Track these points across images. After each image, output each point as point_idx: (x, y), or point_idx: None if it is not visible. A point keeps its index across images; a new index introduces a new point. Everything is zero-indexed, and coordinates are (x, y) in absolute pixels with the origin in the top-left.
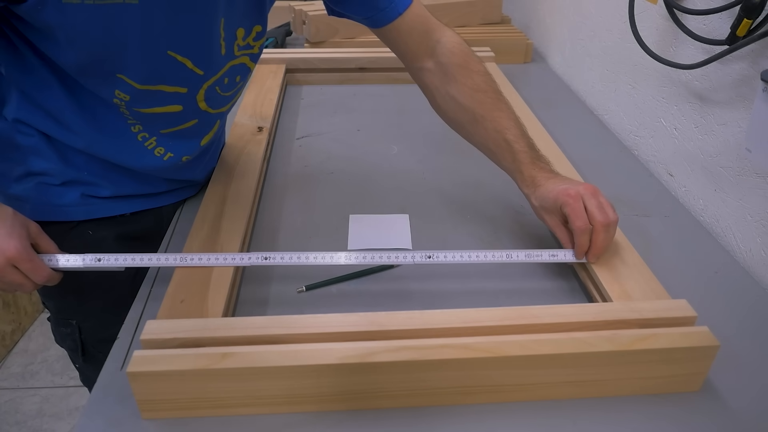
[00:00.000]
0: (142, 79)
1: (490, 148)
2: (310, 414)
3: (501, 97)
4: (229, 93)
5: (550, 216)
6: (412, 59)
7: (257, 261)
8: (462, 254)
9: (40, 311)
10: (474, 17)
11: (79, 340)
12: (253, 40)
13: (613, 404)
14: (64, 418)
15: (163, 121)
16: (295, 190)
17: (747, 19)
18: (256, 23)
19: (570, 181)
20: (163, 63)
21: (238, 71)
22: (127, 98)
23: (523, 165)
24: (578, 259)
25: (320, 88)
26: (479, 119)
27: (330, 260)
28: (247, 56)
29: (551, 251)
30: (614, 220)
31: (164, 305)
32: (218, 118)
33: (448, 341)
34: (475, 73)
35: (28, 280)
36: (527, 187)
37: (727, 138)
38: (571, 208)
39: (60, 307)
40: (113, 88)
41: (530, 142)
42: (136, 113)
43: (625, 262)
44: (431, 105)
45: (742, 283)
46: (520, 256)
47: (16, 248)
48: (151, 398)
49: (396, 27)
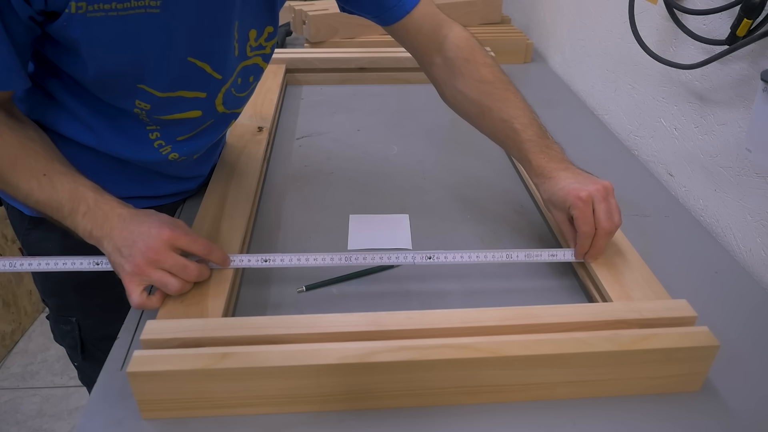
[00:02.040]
0: (164, 87)
1: (499, 138)
2: (310, 414)
3: (509, 87)
4: (244, 93)
5: (557, 211)
6: (422, 55)
7: (257, 263)
8: (462, 254)
9: (40, 311)
10: (474, 17)
11: (78, 338)
12: (264, 40)
13: (613, 404)
14: (64, 418)
15: (182, 127)
16: (295, 190)
17: (747, 19)
18: (267, 24)
19: (583, 178)
20: (184, 69)
21: (251, 71)
22: (147, 107)
23: (531, 154)
24: (577, 259)
25: (320, 88)
26: (486, 111)
27: (330, 262)
28: (260, 56)
29: (551, 251)
30: (618, 225)
31: (164, 305)
32: (233, 118)
33: (448, 341)
34: (481, 65)
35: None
36: (536, 176)
37: (727, 138)
38: (580, 212)
39: (60, 305)
40: (134, 98)
41: (540, 130)
42: (156, 120)
43: (625, 262)
44: (441, 98)
45: (742, 283)
46: (519, 256)
47: (169, 228)
48: (151, 398)
49: (405, 25)
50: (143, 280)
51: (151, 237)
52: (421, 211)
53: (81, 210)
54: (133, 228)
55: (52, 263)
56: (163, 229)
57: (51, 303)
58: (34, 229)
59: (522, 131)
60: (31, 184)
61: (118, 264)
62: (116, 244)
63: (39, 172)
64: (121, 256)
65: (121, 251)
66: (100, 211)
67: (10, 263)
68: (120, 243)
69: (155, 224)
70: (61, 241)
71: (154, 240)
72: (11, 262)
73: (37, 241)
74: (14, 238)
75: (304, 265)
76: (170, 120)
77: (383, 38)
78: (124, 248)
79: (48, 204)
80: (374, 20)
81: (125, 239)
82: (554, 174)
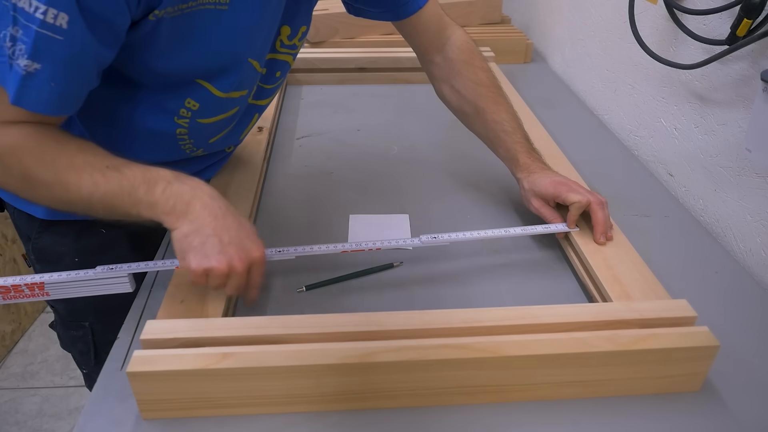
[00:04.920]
0: (226, 87)
1: (488, 137)
2: (310, 414)
3: (501, 92)
4: (270, 86)
5: (537, 199)
6: (424, 52)
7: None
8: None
9: (40, 311)
10: (474, 17)
11: (92, 342)
12: (298, 40)
13: (613, 404)
14: (64, 418)
15: (216, 127)
16: (295, 190)
17: (747, 19)
18: (302, 24)
19: (560, 176)
20: (245, 71)
21: (279, 67)
22: (196, 107)
23: (519, 154)
24: (570, 228)
25: (320, 88)
26: (480, 111)
27: (333, 249)
28: (291, 55)
29: (544, 225)
30: (604, 200)
31: (164, 305)
32: (256, 111)
33: (448, 341)
34: (478, 69)
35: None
36: (521, 172)
37: (727, 138)
38: (568, 187)
39: (72, 309)
40: (185, 96)
41: (525, 135)
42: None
43: (625, 262)
44: (437, 95)
45: (742, 283)
46: (516, 230)
47: (261, 251)
48: (151, 398)
49: (414, 21)
50: (207, 276)
51: (245, 251)
52: (421, 211)
53: (159, 187)
54: (229, 224)
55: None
56: (258, 248)
57: (61, 308)
58: (45, 232)
59: (512, 134)
60: (95, 178)
61: (194, 249)
62: (203, 228)
63: (101, 165)
64: (203, 244)
65: (207, 240)
66: (184, 185)
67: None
68: (209, 230)
69: (252, 237)
70: (74, 243)
71: (247, 255)
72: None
73: (50, 244)
74: (15, 237)
75: (305, 254)
76: (209, 124)
77: (383, 38)
78: (214, 240)
79: (118, 192)
80: (386, 15)
81: (218, 231)
82: (538, 171)
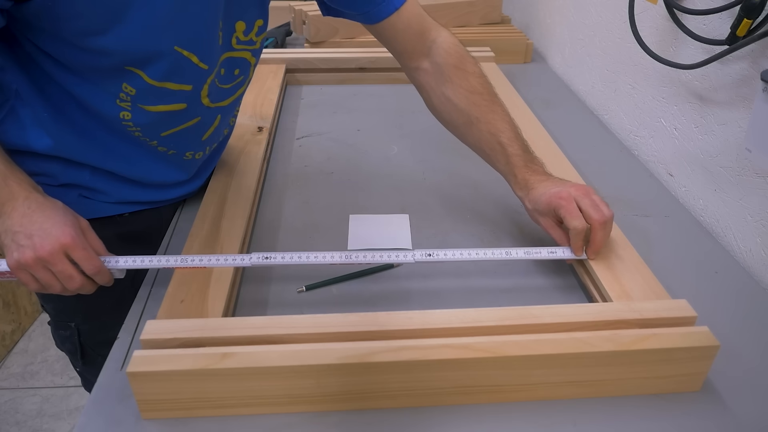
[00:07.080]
0: (157, 76)
1: (484, 150)
2: (310, 414)
3: (496, 99)
4: (228, 86)
5: (544, 218)
6: (408, 59)
7: (258, 261)
8: (462, 252)
9: (40, 311)
10: (474, 17)
11: (78, 343)
12: (255, 35)
13: (614, 404)
14: (64, 418)
15: (163, 119)
16: (295, 190)
17: (747, 19)
18: (257, 17)
19: (562, 182)
20: (173, 60)
21: (237, 64)
22: (133, 92)
23: (516, 168)
24: (577, 256)
25: (320, 88)
26: (474, 121)
27: (330, 259)
28: (249, 51)
29: (550, 249)
30: (610, 216)
31: (164, 305)
32: (218, 113)
33: (448, 341)
34: (470, 74)
35: (77, 272)
36: (520, 189)
37: (727, 138)
38: (566, 210)
39: (59, 309)
40: (121, 81)
41: (524, 145)
42: (138, 111)
43: (625, 262)
44: (426, 105)
45: (742, 283)
46: (519, 253)
47: (70, 235)
48: (151, 398)
49: (392, 24)
50: (29, 273)
51: (49, 237)
52: (421, 211)
53: None
54: (36, 218)
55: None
56: (65, 232)
57: (50, 308)
58: None
59: (508, 145)
60: None
61: (6, 246)
62: (12, 227)
63: None
64: (12, 241)
65: (14, 236)
66: (6, 188)
67: None
68: (17, 228)
69: (59, 224)
70: None
71: (51, 241)
72: None
73: None
74: None
75: (305, 263)
76: (153, 113)
77: None
78: (20, 235)
79: None
80: (360, 18)
81: (24, 226)
82: (536, 185)
